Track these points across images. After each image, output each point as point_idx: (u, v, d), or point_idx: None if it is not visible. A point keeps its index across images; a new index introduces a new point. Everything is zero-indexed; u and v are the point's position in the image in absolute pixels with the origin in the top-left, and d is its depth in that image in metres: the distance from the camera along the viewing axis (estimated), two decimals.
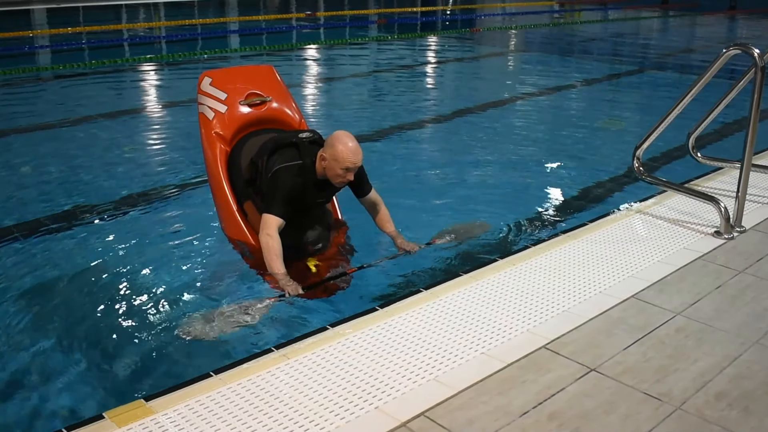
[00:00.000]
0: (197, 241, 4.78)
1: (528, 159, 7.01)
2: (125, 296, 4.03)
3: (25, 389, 3.26)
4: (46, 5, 20.54)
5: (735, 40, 17.04)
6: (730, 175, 5.40)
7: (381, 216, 4.44)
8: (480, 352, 3.01)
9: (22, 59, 13.10)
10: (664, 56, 15.23)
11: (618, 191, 6.01)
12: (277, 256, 3.91)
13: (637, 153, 4.84)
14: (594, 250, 4.11)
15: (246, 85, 4.73)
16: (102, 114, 8.70)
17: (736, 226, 4.41)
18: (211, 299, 3.98)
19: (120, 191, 5.86)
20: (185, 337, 3.49)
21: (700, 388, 2.80)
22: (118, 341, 3.60)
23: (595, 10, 26.92)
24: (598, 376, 2.88)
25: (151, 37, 16.78)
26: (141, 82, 11.62)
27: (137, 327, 3.71)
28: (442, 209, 5.34)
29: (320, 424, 2.52)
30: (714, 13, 24.60)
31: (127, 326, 3.72)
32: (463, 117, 8.92)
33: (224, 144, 4.54)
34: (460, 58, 14.63)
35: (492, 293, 3.55)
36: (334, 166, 3.96)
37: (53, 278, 4.30)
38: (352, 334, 3.15)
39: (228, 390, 2.72)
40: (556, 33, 19.71)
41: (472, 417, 2.60)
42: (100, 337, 3.63)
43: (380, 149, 7.16)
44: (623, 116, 9.29)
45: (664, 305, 3.46)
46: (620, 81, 12.07)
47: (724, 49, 4.34)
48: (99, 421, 2.54)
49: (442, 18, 24.87)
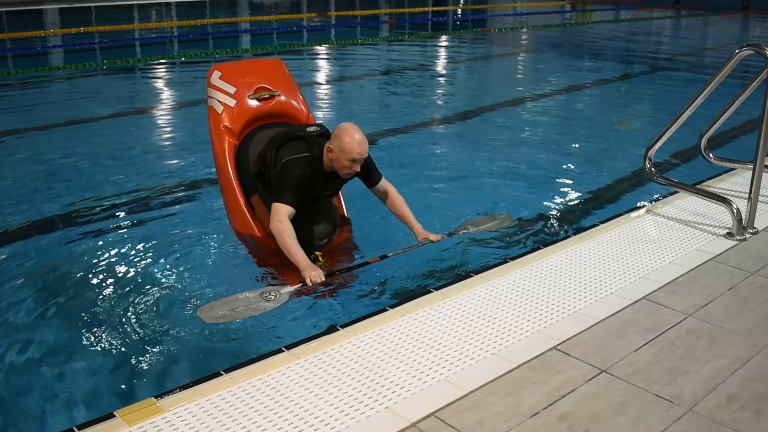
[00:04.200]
0: (208, 237, 4.81)
1: (539, 159, 7.00)
2: (135, 294, 4.04)
3: (36, 387, 3.28)
4: (59, 5, 20.65)
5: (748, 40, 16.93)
6: (742, 176, 5.37)
7: (396, 204, 4.38)
8: (490, 352, 3.01)
9: (35, 59, 13.17)
10: (676, 56, 15.17)
11: (629, 192, 5.99)
12: (293, 240, 3.88)
13: (649, 154, 4.83)
14: (605, 251, 4.10)
15: (255, 79, 4.77)
16: (114, 113, 8.75)
17: (748, 227, 4.39)
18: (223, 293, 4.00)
19: (133, 189, 5.90)
20: (205, 320, 3.46)
21: (712, 390, 2.79)
22: (128, 340, 3.61)
23: (606, 10, 26.84)
24: (609, 377, 2.87)
25: (162, 36, 16.84)
26: (154, 80, 11.67)
27: (148, 326, 3.73)
28: (451, 209, 5.33)
29: (330, 423, 2.53)
30: (726, 13, 24.47)
31: (137, 325, 3.73)
32: (474, 117, 8.92)
33: (233, 137, 4.57)
34: (471, 58, 14.62)
35: (502, 294, 3.55)
36: (340, 157, 3.98)
37: (64, 276, 4.32)
38: (363, 334, 3.15)
39: (238, 389, 2.73)
40: (567, 33, 19.66)
41: (482, 417, 2.59)
42: (111, 335, 3.65)
43: (389, 147, 7.17)
44: (635, 117, 9.26)
45: (676, 307, 3.45)
46: (632, 81, 12.03)
47: (736, 50, 4.32)
48: (110, 420, 2.55)
49: (453, 18, 24.85)
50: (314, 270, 3.80)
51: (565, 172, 6.62)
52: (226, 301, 3.58)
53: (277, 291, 3.66)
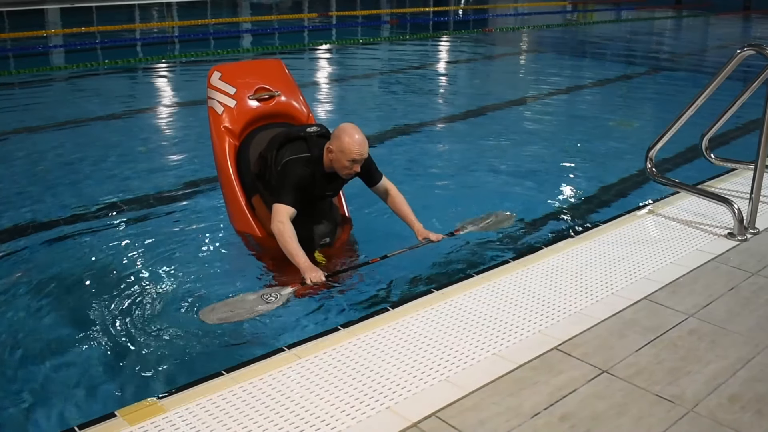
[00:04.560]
0: (209, 237, 4.81)
1: (540, 159, 6.99)
2: (136, 294, 4.04)
3: (37, 387, 3.28)
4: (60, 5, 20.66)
5: (749, 40, 16.93)
6: (743, 176, 5.37)
7: (396, 203, 4.38)
8: (491, 352, 3.01)
9: (36, 59, 13.18)
10: (677, 56, 15.16)
11: (630, 192, 5.98)
12: (294, 241, 3.89)
13: (650, 154, 4.83)
14: (606, 252, 4.10)
15: (255, 79, 4.78)
16: (115, 113, 8.75)
17: (749, 227, 4.39)
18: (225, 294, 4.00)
19: (134, 189, 5.90)
20: (206, 321, 3.47)
21: (713, 391, 2.79)
22: (129, 340, 3.61)
23: (607, 10, 26.83)
24: (610, 377, 2.87)
25: (163, 36, 16.85)
26: (154, 81, 11.67)
27: (149, 325, 3.73)
28: (451, 209, 5.32)
29: (331, 423, 2.53)
30: (728, 13, 24.46)
31: (138, 324, 3.73)
32: (475, 117, 8.92)
33: (233, 138, 4.58)
34: (472, 58, 14.61)
35: (504, 294, 3.55)
36: (340, 157, 3.98)
37: (65, 276, 4.32)
38: (364, 334, 3.15)
39: (240, 389, 2.73)
40: (568, 33, 19.66)
41: (483, 418, 2.59)
42: (112, 335, 3.65)
43: (389, 147, 7.17)
44: (636, 117, 9.25)
45: (677, 307, 3.45)
46: (633, 81, 12.02)
47: (738, 50, 4.32)
48: (111, 419, 2.56)
49: (454, 18, 24.85)
50: (315, 271, 3.80)
51: (566, 172, 6.61)
52: (228, 303, 3.58)
53: (277, 292, 3.66)
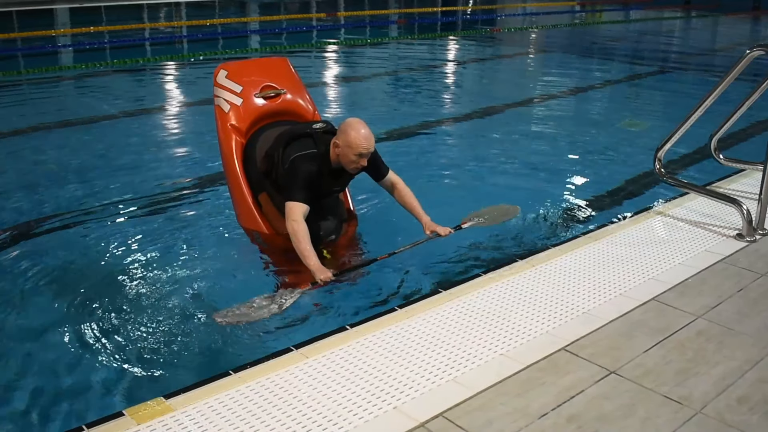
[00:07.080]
0: (217, 234, 4.84)
1: (548, 159, 6.98)
2: (144, 293, 4.06)
3: (45, 386, 3.29)
4: (69, 5, 20.73)
5: (759, 40, 16.87)
6: (752, 177, 5.35)
7: (404, 196, 4.40)
8: (499, 353, 3.00)
9: (45, 58, 13.22)
10: (686, 57, 15.12)
11: (639, 193, 5.97)
12: (306, 242, 3.91)
13: (659, 154, 4.81)
14: (614, 252, 4.09)
15: (261, 77, 4.79)
16: (123, 112, 8.78)
17: (758, 228, 4.37)
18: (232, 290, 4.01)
19: (142, 187, 5.92)
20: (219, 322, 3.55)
21: (721, 392, 2.78)
22: (137, 339, 3.62)
23: (616, 10, 26.76)
24: (618, 378, 2.86)
25: (172, 36, 16.88)
26: (162, 80, 11.69)
27: (157, 325, 3.74)
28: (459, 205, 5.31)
29: (339, 423, 2.53)
30: (737, 14, 24.36)
31: (146, 324, 3.74)
32: (483, 117, 8.91)
33: (240, 136, 4.60)
34: (480, 58, 14.60)
35: (511, 294, 3.54)
36: (347, 152, 4.00)
37: (75, 275, 4.34)
38: (371, 334, 3.15)
39: (247, 388, 2.73)
40: (577, 33, 19.62)
41: (490, 418, 2.59)
42: (120, 335, 3.66)
43: (397, 144, 7.17)
44: (645, 117, 9.23)
45: (685, 308, 3.44)
46: (642, 82, 11.99)
47: (747, 50, 4.30)
48: (119, 418, 2.56)
49: (462, 18, 24.82)
50: (324, 273, 3.82)
51: (575, 172, 6.60)
52: (240, 307, 3.66)
53: (288, 294, 3.70)
